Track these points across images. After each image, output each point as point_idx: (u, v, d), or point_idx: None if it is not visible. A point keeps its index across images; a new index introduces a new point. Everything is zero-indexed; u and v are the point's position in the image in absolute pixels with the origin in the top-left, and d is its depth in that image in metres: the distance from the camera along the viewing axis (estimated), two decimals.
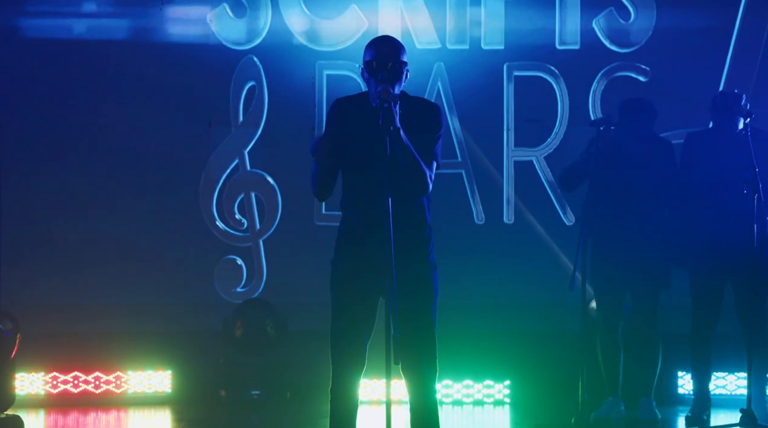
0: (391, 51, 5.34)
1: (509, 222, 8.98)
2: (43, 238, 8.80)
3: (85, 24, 8.93)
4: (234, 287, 8.90)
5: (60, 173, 8.83)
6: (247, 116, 8.93)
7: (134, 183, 8.86)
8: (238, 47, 8.90)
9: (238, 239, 8.93)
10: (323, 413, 8.15)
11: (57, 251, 8.80)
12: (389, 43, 5.39)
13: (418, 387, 5.38)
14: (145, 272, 8.82)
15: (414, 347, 5.30)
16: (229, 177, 8.92)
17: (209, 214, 8.91)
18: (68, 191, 8.82)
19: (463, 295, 8.60)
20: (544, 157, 8.98)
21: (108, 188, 8.85)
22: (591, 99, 8.93)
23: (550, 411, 8.18)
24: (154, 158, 8.86)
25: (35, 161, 8.84)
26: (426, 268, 5.42)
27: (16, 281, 8.71)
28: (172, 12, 8.90)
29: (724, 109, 7.59)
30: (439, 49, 8.95)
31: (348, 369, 5.42)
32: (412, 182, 5.29)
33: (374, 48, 5.36)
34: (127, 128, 8.85)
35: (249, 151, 8.94)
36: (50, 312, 8.65)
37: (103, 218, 8.83)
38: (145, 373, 8.74)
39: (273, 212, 8.96)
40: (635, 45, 8.95)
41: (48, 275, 8.76)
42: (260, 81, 8.91)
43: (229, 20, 8.89)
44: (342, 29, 8.94)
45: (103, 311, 8.71)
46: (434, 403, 5.43)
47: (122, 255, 8.81)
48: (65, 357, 8.68)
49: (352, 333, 5.41)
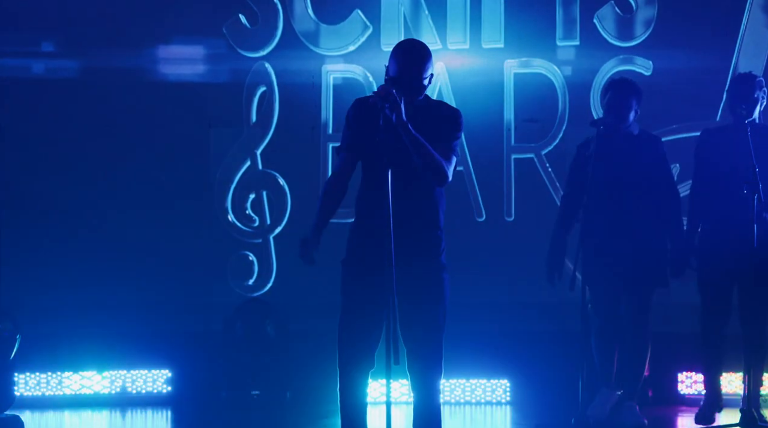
0: (408, 63, 5.36)
1: (509, 220, 8.99)
2: (44, 238, 8.79)
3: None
4: (244, 282, 8.92)
5: (61, 171, 8.83)
6: (259, 118, 9.00)
7: (138, 183, 8.86)
8: (251, 54, 8.98)
9: (249, 235, 8.97)
10: (323, 413, 8.21)
11: (57, 251, 8.79)
12: (409, 54, 5.40)
13: (422, 388, 5.39)
14: (146, 272, 8.81)
15: (420, 349, 5.30)
16: (242, 177, 8.98)
17: (223, 213, 8.95)
18: (68, 191, 8.82)
19: (463, 294, 8.53)
20: (545, 154, 8.98)
21: (112, 188, 8.85)
22: (592, 95, 8.92)
23: (550, 411, 8.18)
24: (164, 159, 8.89)
25: (36, 159, 8.84)
26: (436, 269, 5.44)
27: (16, 282, 8.69)
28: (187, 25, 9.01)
29: (735, 102, 7.45)
30: (440, 49, 8.96)
31: (354, 368, 5.43)
32: (428, 173, 5.33)
33: (394, 57, 5.40)
34: (141, 129, 8.88)
35: (258, 152, 9.00)
36: (50, 312, 8.64)
37: (104, 219, 8.82)
38: (145, 373, 8.74)
39: (283, 210, 8.98)
40: (638, 38, 8.92)
41: (48, 275, 8.75)
42: (271, 86, 9.00)
43: (244, 29, 8.96)
44: (346, 33, 8.98)
45: (103, 312, 8.70)
46: (437, 405, 5.44)
47: (122, 255, 8.80)
48: (65, 357, 8.67)
49: (360, 333, 5.43)
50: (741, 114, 7.31)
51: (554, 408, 8.17)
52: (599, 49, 8.94)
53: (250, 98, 9.02)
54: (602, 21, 8.93)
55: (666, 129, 8.64)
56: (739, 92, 7.46)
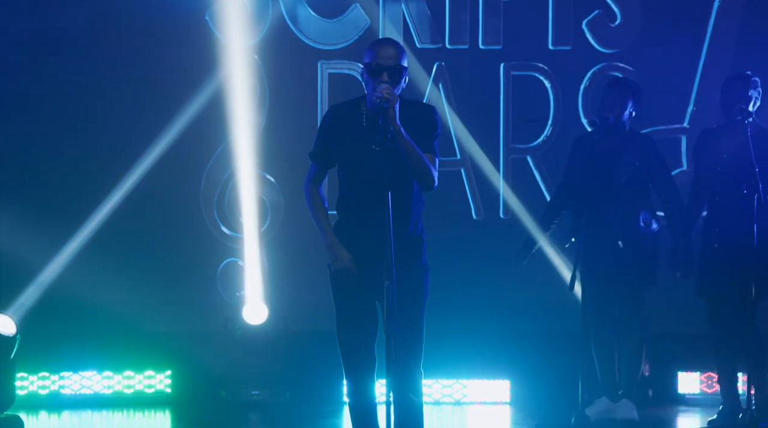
0: (392, 53, 5.34)
1: (506, 218, 9.00)
2: (43, 238, 8.79)
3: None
4: (235, 288, 8.88)
5: (59, 173, 8.83)
6: (249, 115, 8.90)
7: (135, 184, 8.85)
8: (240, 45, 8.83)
9: (239, 240, 8.92)
10: (323, 413, 8.22)
11: (57, 252, 8.79)
12: (391, 46, 5.39)
13: (406, 387, 5.37)
14: (145, 273, 8.81)
15: (402, 349, 5.29)
16: (230, 178, 8.92)
17: (210, 215, 8.91)
18: (68, 191, 8.81)
19: (463, 294, 8.60)
20: (539, 154, 9.01)
21: (109, 189, 8.84)
22: (582, 98, 8.97)
23: (550, 411, 8.18)
24: (154, 159, 8.85)
25: (35, 162, 8.83)
26: (418, 270, 5.44)
27: (17, 282, 8.69)
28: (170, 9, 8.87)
29: (728, 101, 7.44)
30: (439, 48, 8.97)
31: (359, 369, 5.44)
32: (419, 178, 5.32)
33: (375, 50, 5.36)
34: (127, 128, 8.84)
35: (250, 151, 8.93)
36: (50, 312, 8.64)
37: (104, 219, 8.81)
38: (145, 373, 8.74)
39: (275, 211, 8.95)
40: (620, 47, 9.03)
41: (48, 275, 8.75)
42: (261, 80, 8.90)
43: (231, 17, 8.82)
44: (344, 28, 8.94)
45: (104, 312, 8.70)
46: (420, 404, 5.43)
47: (122, 255, 8.80)
48: (65, 357, 8.67)
49: (357, 334, 5.44)
50: (734, 112, 7.30)
51: (554, 408, 8.18)
52: (588, 55, 9.03)
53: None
54: (590, 28, 9.01)
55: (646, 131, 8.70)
56: (732, 91, 7.43)
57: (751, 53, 8.73)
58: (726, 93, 7.47)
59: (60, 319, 8.69)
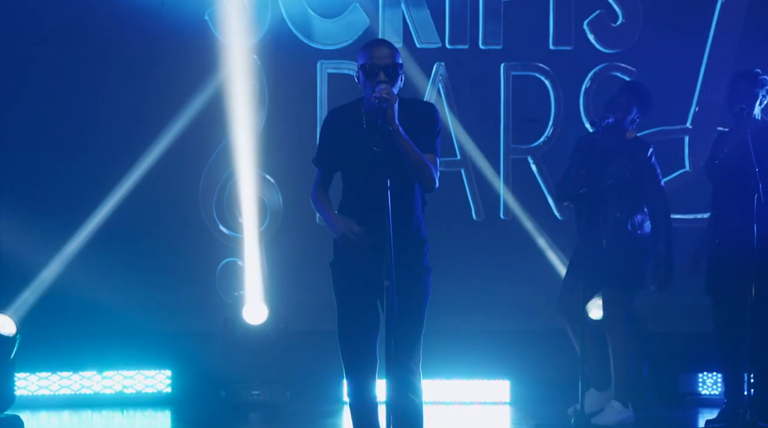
0: (386, 52, 5.34)
1: (506, 219, 9.00)
2: (43, 238, 8.79)
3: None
4: (235, 288, 8.88)
5: (59, 173, 8.83)
6: (248, 115, 8.90)
7: (135, 184, 8.85)
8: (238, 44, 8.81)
9: (238, 240, 8.92)
10: (323, 413, 8.22)
11: (57, 251, 8.79)
12: (383, 45, 5.39)
13: (405, 387, 5.37)
14: (145, 273, 8.81)
15: (402, 349, 5.29)
16: (230, 177, 8.92)
17: (210, 215, 8.91)
18: (68, 191, 8.82)
19: (463, 294, 8.60)
20: (540, 154, 9.01)
21: (108, 189, 8.84)
22: (583, 98, 8.97)
23: (550, 411, 8.18)
24: (153, 159, 8.85)
25: (34, 163, 8.83)
26: (420, 271, 5.43)
27: (17, 282, 8.69)
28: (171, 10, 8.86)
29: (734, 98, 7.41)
30: (439, 48, 8.97)
31: (360, 369, 5.43)
32: (419, 179, 5.32)
33: (368, 51, 5.36)
34: (127, 128, 8.84)
35: (249, 151, 8.93)
36: (50, 312, 8.64)
37: (104, 219, 8.82)
38: (145, 373, 8.74)
39: (274, 211, 8.95)
40: (622, 47, 9.03)
41: (48, 275, 8.75)
42: (260, 80, 8.89)
43: (230, 17, 8.79)
44: (344, 28, 8.94)
45: (104, 311, 8.70)
46: (419, 405, 5.43)
47: (122, 255, 8.80)
48: (65, 357, 8.67)
49: (358, 334, 5.43)
50: (733, 112, 7.29)
51: (554, 408, 8.17)
52: (589, 55, 9.03)
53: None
54: (591, 28, 9.01)
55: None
56: (737, 88, 7.40)
57: (754, 53, 8.74)
58: (731, 90, 7.43)
59: (60, 319, 8.69)
